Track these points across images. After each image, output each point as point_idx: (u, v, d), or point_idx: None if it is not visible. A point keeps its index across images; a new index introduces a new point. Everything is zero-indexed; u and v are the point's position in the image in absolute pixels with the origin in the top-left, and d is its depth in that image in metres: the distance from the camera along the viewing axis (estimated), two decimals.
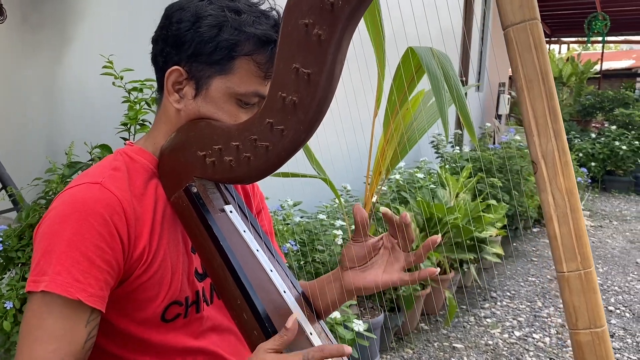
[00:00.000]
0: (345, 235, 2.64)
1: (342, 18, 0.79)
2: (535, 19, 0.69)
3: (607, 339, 0.71)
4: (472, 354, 2.88)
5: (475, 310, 3.46)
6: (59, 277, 0.81)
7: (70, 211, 0.85)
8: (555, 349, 3.00)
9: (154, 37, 0.97)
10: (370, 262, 1.00)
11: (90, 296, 0.83)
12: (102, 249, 0.84)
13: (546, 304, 3.65)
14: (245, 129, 0.88)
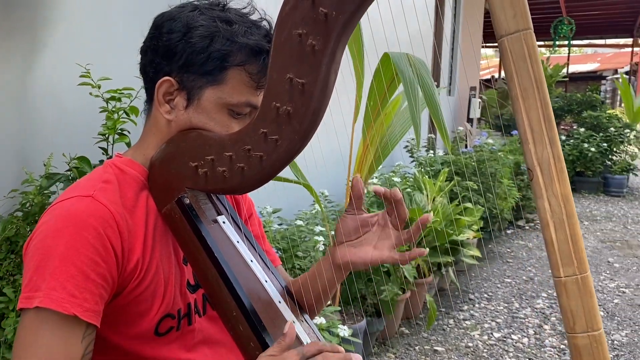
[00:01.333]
0: (326, 241, 2.64)
1: (336, 28, 0.79)
2: (529, 28, 0.71)
3: (604, 342, 0.73)
4: (453, 357, 2.91)
5: (454, 313, 3.49)
6: (54, 292, 0.80)
7: (62, 225, 0.83)
8: (533, 350, 3.05)
9: (143, 48, 0.96)
10: (363, 237, 1.00)
11: (86, 311, 0.81)
12: (96, 263, 0.83)
13: (523, 305, 3.70)
14: (238, 139, 0.88)
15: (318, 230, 2.86)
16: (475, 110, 8.39)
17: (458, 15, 8.45)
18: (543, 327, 3.35)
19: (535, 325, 3.38)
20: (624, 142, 7.98)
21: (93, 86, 1.94)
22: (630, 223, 6.26)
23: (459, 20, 8.44)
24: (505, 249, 4.99)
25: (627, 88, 8.98)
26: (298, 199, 3.33)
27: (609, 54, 22.14)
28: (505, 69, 0.73)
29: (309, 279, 1.04)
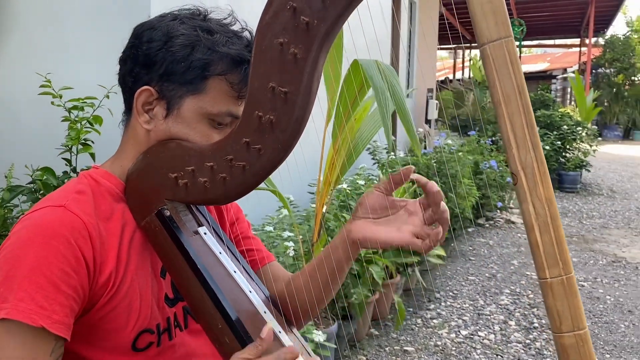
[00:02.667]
0: (296, 246, 2.64)
1: (318, 37, 0.80)
2: (510, 36, 0.72)
3: (589, 340, 0.75)
4: (423, 356, 2.94)
5: (422, 312, 3.54)
6: (22, 303, 0.77)
7: (32, 235, 0.81)
8: (500, 345, 3.11)
9: (122, 57, 0.94)
10: (387, 218, 0.96)
11: (55, 323, 0.79)
12: (67, 274, 0.81)
13: (488, 302, 3.78)
14: (219, 149, 0.87)
15: (286, 236, 2.86)
16: (432, 111, 8.52)
17: (414, 19, 8.58)
18: (508, 323, 3.42)
19: (500, 321, 3.45)
20: (577, 140, 8.23)
21: (54, 96, 1.89)
22: (585, 218, 6.46)
23: (415, 24, 8.57)
24: (467, 247, 5.08)
25: (580, 87, 9.27)
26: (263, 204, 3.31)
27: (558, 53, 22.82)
28: (488, 75, 0.74)
29: (317, 264, 1.00)
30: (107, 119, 2.01)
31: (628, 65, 16.48)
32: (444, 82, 14.24)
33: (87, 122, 1.93)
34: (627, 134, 16.92)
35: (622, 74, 16.50)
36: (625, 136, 16.90)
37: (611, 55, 16.50)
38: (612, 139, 16.36)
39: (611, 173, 9.74)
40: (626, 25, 17.08)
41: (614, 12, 15.25)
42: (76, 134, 1.87)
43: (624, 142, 15.66)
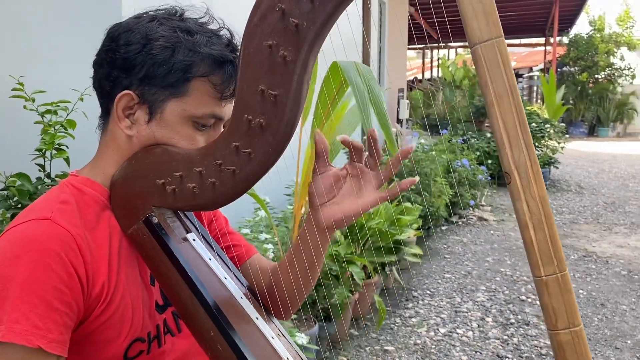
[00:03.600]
0: (275, 248, 2.62)
1: (308, 39, 0.79)
2: (500, 36, 0.72)
3: (584, 336, 0.75)
4: (403, 355, 2.95)
5: (400, 311, 3.55)
6: (17, 325, 0.75)
7: (20, 251, 0.78)
8: (479, 342, 3.15)
9: (97, 61, 0.91)
10: (340, 193, 0.95)
11: (51, 342, 0.77)
12: (60, 291, 0.78)
13: (464, 299, 3.81)
14: (207, 154, 0.85)
15: (264, 238, 2.85)
16: (404, 111, 8.58)
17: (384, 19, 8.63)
18: (485, 320, 3.46)
19: (477, 318, 3.49)
20: (545, 137, 8.38)
21: (26, 99, 1.84)
22: (555, 214, 6.58)
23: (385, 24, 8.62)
24: (442, 245, 5.13)
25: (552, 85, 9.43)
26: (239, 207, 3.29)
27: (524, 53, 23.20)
28: (480, 76, 0.73)
29: (294, 254, 0.99)
30: (81, 123, 1.97)
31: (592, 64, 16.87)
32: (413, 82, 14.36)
33: (61, 126, 1.89)
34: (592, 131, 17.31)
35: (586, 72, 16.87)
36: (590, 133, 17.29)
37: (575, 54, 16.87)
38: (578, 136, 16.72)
39: (578, 169, 9.95)
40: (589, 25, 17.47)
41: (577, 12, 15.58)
42: (50, 139, 1.83)
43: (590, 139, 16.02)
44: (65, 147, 1.91)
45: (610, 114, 17.13)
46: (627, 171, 9.99)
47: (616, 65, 17.28)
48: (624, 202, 7.24)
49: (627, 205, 7.01)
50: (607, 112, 17.09)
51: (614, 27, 17.41)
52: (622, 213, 6.58)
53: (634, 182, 8.87)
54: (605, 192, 7.90)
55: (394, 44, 9.10)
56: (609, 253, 4.90)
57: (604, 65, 16.93)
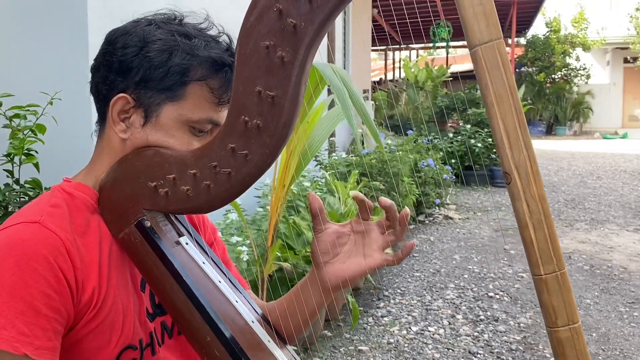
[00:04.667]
0: (249, 250, 2.60)
1: (306, 39, 0.78)
2: (500, 38, 0.73)
3: (582, 333, 0.77)
4: (377, 355, 2.97)
5: (372, 311, 3.57)
6: (4, 331, 0.73)
7: (6, 255, 0.76)
8: (450, 340, 3.19)
9: (95, 65, 0.90)
10: (343, 251, 0.95)
11: (37, 349, 0.75)
12: (48, 296, 0.76)
13: (434, 297, 3.86)
14: (202, 156, 0.84)
15: (235, 240, 2.82)
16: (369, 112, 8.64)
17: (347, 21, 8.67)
18: (456, 317, 3.50)
19: (448, 315, 3.53)
20: None
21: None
22: None
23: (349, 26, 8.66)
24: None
25: None
26: None
27: None
28: (479, 77, 0.74)
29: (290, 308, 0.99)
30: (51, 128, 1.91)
31: (549, 64, 17.33)
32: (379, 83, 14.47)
33: (30, 130, 1.83)
34: (549, 130, 17.78)
35: (543, 72, 17.31)
36: (548, 132, 17.76)
37: (533, 55, 17.30)
38: (536, 134, 17.15)
39: None
40: (545, 26, 17.93)
41: (534, 13, 15.94)
42: (20, 143, 1.77)
43: (548, 138, 16.45)
44: (35, 152, 1.85)
45: (567, 113, 17.64)
46: (585, 169, 10.29)
47: (572, 65, 17.80)
48: (583, 198, 7.45)
49: (587, 202, 7.22)
50: (564, 111, 17.58)
51: (570, 28, 17.90)
52: (582, 209, 6.77)
53: (592, 179, 9.14)
54: (565, 190, 8.12)
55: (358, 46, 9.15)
56: (571, 249, 5.03)
57: (560, 66, 17.41)
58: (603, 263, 4.68)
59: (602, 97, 18.89)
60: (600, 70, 19.69)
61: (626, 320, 3.46)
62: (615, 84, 19.68)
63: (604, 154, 12.80)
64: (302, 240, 3.18)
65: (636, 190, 8.11)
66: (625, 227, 5.89)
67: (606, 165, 10.75)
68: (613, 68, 19.79)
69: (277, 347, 0.91)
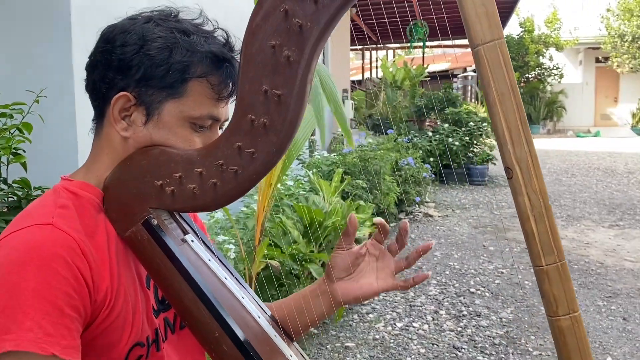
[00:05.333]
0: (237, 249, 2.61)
1: (312, 39, 0.80)
2: (501, 38, 0.76)
3: (582, 321, 0.80)
4: (364, 351, 3.00)
5: (357, 308, 3.60)
6: (30, 333, 0.72)
7: (27, 257, 0.76)
8: (434, 335, 3.23)
9: (91, 63, 0.89)
10: (357, 270, 1.00)
11: (65, 348, 0.75)
12: (70, 296, 0.77)
13: (417, 294, 3.90)
14: (208, 154, 0.85)
15: (221, 239, 2.83)
16: (349, 111, 8.68)
17: None
18: (439, 313, 3.55)
19: (431, 311, 3.58)
20: (483, 135, 8.67)
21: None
22: (495, 209, 6.82)
23: None
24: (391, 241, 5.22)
25: None
26: None
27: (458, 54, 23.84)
28: (482, 76, 0.77)
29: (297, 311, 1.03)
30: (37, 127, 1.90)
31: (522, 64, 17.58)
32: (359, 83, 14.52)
33: (17, 129, 1.82)
34: None
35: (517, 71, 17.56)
36: None
37: None
38: None
39: None
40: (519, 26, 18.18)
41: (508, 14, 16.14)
42: (7, 142, 1.75)
43: None
44: (22, 151, 1.83)
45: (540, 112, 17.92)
46: (560, 166, 10.47)
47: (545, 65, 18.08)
48: (558, 196, 7.59)
49: (562, 199, 7.35)
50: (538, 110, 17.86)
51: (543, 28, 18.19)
52: (558, 206, 6.90)
53: (567, 176, 9.31)
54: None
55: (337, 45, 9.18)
56: None
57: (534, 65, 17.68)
58: (580, 258, 4.78)
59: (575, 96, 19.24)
60: (573, 69, 20.05)
61: (604, 313, 3.54)
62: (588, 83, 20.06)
63: (577, 152, 13.04)
64: (288, 239, 3.20)
65: (609, 187, 8.28)
66: (600, 224, 6.02)
67: (580, 163, 10.96)
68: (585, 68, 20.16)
69: (284, 343, 0.92)
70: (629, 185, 8.51)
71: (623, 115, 19.51)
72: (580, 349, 0.78)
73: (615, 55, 17.60)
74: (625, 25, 17.21)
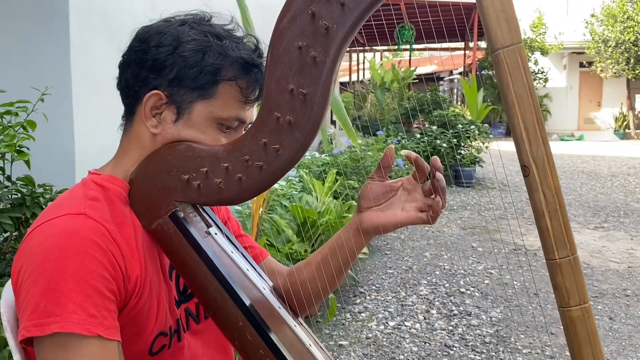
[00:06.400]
0: None
1: (337, 40, 0.84)
2: (520, 42, 0.80)
3: (592, 313, 0.84)
4: (357, 349, 3.03)
5: (349, 307, 3.64)
6: (74, 315, 0.76)
7: (64, 243, 0.79)
8: (426, 334, 3.28)
9: (124, 61, 0.93)
10: (388, 202, 1.01)
11: (108, 329, 0.79)
12: (107, 280, 0.80)
13: (409, 293, 3.95)
14: (234, 150, 0.88)
15: None
16: None
17: None
18: (430, 312, 3.60)
19: (423, 310, 3.63)
20: (470, 137, 8.76)
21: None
22: (483, 210, 6.90)
23: None
24: (382, 242, 5.27)
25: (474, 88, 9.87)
26: None
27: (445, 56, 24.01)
28: (501, 79, 0.80)
29: (329, 253, 1.04)
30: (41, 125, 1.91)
31: None
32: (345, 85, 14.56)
33: (22, 127, 1.83)
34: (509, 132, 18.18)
35: None
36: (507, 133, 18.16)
37: None
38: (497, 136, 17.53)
39: (500, 168, 10.42)
40: None
41: None
42: (11, 139, 1.76)
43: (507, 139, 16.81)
44: (26, 149, 1.84)
45: None
46: None
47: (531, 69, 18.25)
48: None
49: None
50: None
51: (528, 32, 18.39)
52: None
53: None
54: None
55: None
56: (536, 246, 5.20)
57: None
58: None
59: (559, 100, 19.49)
60: (557, 74, 20.30)
61: None
62: (572, 87, 20.33)
63: (561, 155, 13.21)
64: (282, 238, 3.23)
65: (594, 190, 8.42)
66: (585, 226, 6.13)
67: (564, 166, 11.10)
68: (569, 72, 20.43)
69: (303, 332, 0.95)
70: (613, 188, 8.66)
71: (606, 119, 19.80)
72: (590, 339, 0.83)
73: (599, 60, 17.86)
74: (609, 30, 17.48)
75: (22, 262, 0.80)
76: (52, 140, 2.48)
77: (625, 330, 3.39)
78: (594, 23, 17.89)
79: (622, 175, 9.94)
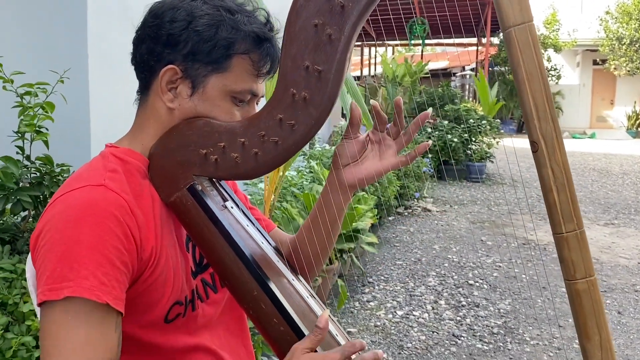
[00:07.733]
0: None
1: (352, 19, 0.86)
2: (531, 20, 0.82)
3: (597, 285, 0.86)
4: (365, 336, 3.07)
5: (358, 296, 3.67)
6: (86, 281, 0.78)
7: (83, 214, 0.81)
8: (434, 323, 3.30)
9: (139, 36, 0.95)
10: (362, 157, 1.03)
11: (115, 299, 0.81)
12: (120, 251, 0.83)
13: (417, 284, 3.97)
14: (250, 125, 0.91)
15: None
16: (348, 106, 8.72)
17: None
18: (439, 303, 3.62)
19: (431, 301, 3.65)
20: (481, 133, 8.74)
21: (5, 80, 1.81)
22: (493, 205, 6.90)
23: None
24: (391, 234, 5.29)
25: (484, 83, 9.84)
26: None
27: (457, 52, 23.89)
28: (512, 56, 0.83)
29: (318, 214, 1.06)
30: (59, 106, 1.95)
31: None
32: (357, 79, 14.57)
33: (41, 107, 1.87)
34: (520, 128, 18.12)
35: None
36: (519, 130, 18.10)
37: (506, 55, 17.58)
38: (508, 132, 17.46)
39: (511, 164, 10.41)
40: None
41: None
42: (31, 120, 1.80)
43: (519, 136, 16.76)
44: (45, 129, 1.88)
45: None
46: None
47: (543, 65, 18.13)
48: None
49: None
50: None
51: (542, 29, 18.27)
52: None
53: None
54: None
55: None
56: (546, 241, 5.20)
57: None
58: None
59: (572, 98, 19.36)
60: (570, 71, 20.16)
61: None
62: (585, 85, 20.18)
63: (573, 152, 13.14)
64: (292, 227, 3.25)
65: (605, 187, 8.38)
66: (596, 222, 6.11)
67: (576, 164, 11.05)
68: (583, 69, 20.28)
69: (315, 303, 0.98)
70: (624, 185, 8.62)
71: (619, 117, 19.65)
72: (595, 310, 0.85)
73: (612, 58, 17.71)
74: (623, 28, 17.32)
75: (41, 228, 0.83)
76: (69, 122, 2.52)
77: (634, 324, 3.40)
78: (609, 20, 17.73)
79: (634, 173, 9.88)
